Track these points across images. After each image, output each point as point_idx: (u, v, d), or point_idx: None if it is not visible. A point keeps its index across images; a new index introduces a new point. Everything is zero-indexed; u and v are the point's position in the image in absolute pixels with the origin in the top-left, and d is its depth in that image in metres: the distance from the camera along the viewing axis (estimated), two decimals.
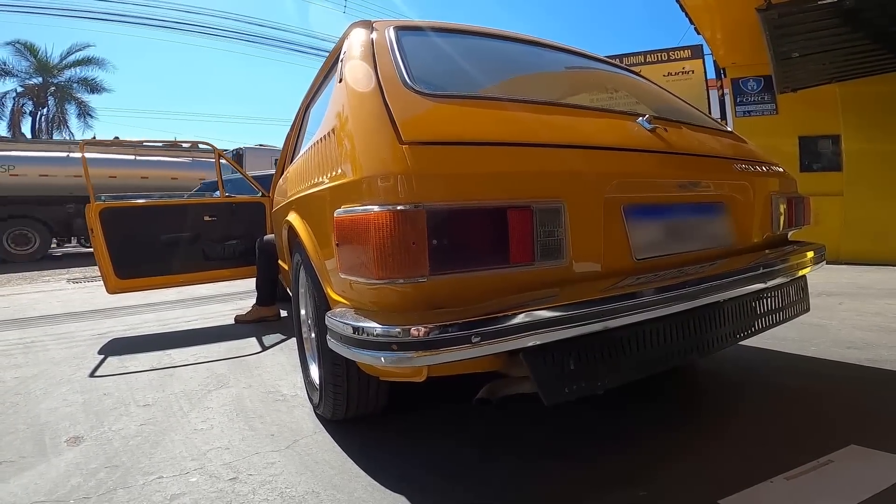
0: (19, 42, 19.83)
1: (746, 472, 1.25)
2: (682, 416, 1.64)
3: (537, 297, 1.11)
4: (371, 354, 1.04)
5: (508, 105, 1.39)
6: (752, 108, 6.26)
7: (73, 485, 1.34)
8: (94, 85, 21.40)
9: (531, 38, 2.06)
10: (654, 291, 1.20)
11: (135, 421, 1.77)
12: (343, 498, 1.24)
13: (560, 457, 1.40)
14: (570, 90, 2.14)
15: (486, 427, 1.61)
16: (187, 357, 2.59)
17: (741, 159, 1.73)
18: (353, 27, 1.64)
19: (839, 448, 1.34)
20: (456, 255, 1.06)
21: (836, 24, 4.12)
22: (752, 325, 1.52)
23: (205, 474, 1.38)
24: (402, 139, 1.10)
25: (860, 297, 3.49)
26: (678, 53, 8.18)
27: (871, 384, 1.86)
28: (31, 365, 2.56)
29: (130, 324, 3.58)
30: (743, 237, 1.67)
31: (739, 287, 1.39)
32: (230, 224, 3.57)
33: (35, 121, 21.35)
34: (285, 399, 1.93)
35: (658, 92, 2.20)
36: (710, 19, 5.98)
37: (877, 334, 2.47)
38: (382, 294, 1.11)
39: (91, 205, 3.12)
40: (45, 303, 4.77)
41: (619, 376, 1.21)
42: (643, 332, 1.23)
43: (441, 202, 1.05)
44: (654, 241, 1.43)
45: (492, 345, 0.99)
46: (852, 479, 1.20)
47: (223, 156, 3.75)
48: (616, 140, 1.41)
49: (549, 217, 1.15)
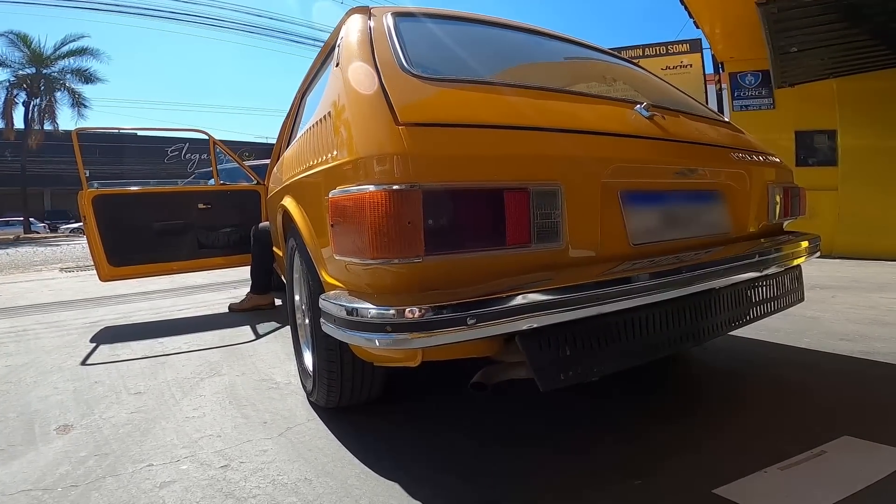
0: (12, 32, 19.70)
1: (741, 462, 1.24)
2: (677, 407, 1.63)
3: (533, 279, 1.10)
4: (365, 336, 1.02)
5: (506, 90, 1.37)
6: (750, 103, 6.27)
7: (61, 473, 1.33)
8: (89, 75, 21.28)
9: (530, 27, 2.04)
10: (649, 277, 1.19)
11: (126, 409, 1.75)
12: (335, 485, 1.23)
13: (555, 447, 1.39)
14: (569, 79, 2.12)
15: (481, 416, 1.60)
16: (180, 345, 2.57)
17: (738, 148, 1.73)
18: (350, 13, 1.62)
19: (833, 439, 1.34)
20: (452, 236, 1.05)
21: (836, 20, 4.12)
22: (747, 314, 1.52)
23: (196, 462, 1.36)
24: (399, 121, 1.09)
25: (854, 290, 3.51)
26: (677, 47, 8.18)
27: (864, 376, 1.86)
28: (23, 353, 2.53)
29: (123, 312, 3.56)
30: (739, 226, 1.66)
31: (735, 274, 1.38)
32: (225, 212, 3.55)
33: (28, 111, 21.17)
34: (279, 387, 1.92)
35: (656, 82, 2.19)
36: (710, 13, 5.98)
37: (870, 327, 2.48)
38: (377, 275, 1.09)
39: (84, 191, 3.08)
40: (37, 291, 4.73)
41: (615, 363, 1.21)
42: (639, 319, 1.22)
43: (437, 182, 1.03)
44: (651, 228, 1.42)
45: (487, 327, 0.98)
46: (846, 470, 1.20)
47: (218, 144, 3.72)
48: (614, 126, 1.40)
49: (545, 199, 1.14)
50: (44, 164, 24.77)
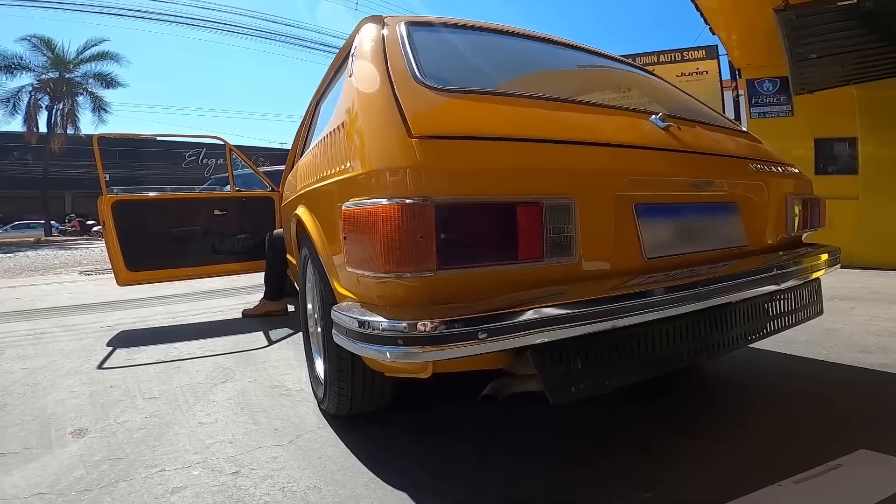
0: (35, 37, 20.11)
1: (754, 475, 1.23)
2: (690, 419, 1.61)
3: (545, 294, 1.09)
4: (376, 349, 1.02)
5: (519, 101, 1.37)
6: (767, 110, 6.19)
7: (75, 477, 1.34)
8: (110, 80, 21.65)
9: (544, 36, 2.04)
10: (664, 291, 1.18)
11: (140, 413, 1.77)
12: (345, 493, 1.23)
13: (562, 457, 1.38)
14: (583, 88, 2.11)
15: (488, 425, 1.59)
16: (194, 350, 2.60)
17: (756, 159, 1.70)
18: (364, 22, 1.63)
19: (849, 452, 1.32)
20: (464, 250, 1.05)
21: (854, 26, 4.07)
22: (764, 328, 1.49)
23: (207, 468, 1.37)
24: (412, 133, 1.09)
25: (873, 301, 3.44)
26: (692, 54, 8.12)
27: (882, 389, 1.83)
28: (41, 356, 2.58)
29: (139, 316, 3.61)
30: (756, 238, 1.63)
31: (752, 288, 1.36)
32: (240, 218, 3.58)
33: (51, 115, 21.63)
34: (290, 394, 1.93)
35: (671, 91, 2.17)
36: (726, 20, 5.94)
37: (889, 339, 2.43)
38: (389, 288, 1.10)
39: (103, 197, 3.13)
40: (57, 294, 4.82)
41: (627, 376, 1.19)
42: (652, 333, 1.21)
43: (450, 196, 1.03)
44: (666, 241, 1.40)
45: (498, 341, 0.98)
46: (861, 484, 1.19)
47: (234, 150, 3.76)
48: (628, 138, 1.39)
49: (558, 214, 1.13)
50: (65, 167, 25.26)
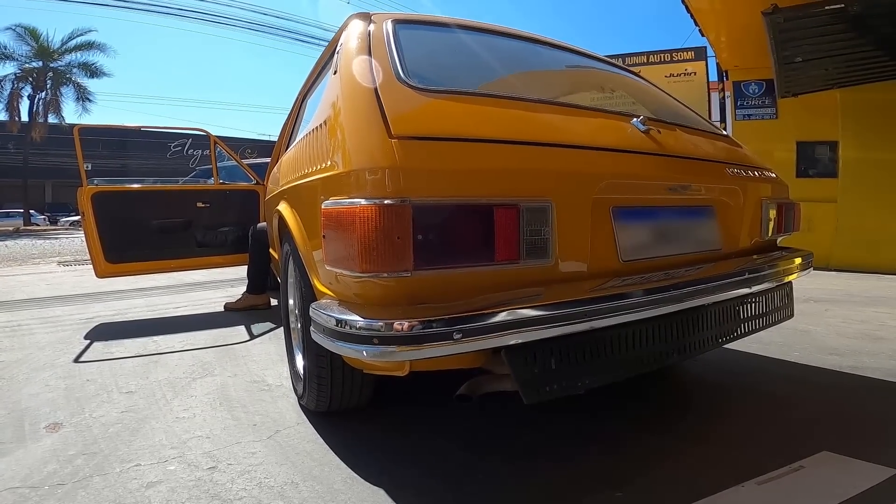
0: (21, 26, 19.72)
1: (720, 475, 1.26)
2: (663, 419, 1.64)
3: (522, 295, 1.10)
4: (353, 347, 1.03)
5: (501, 102, 1.38)
6: (753, 112, 6.27)
7: (48, 471, 1.33)
8: (95, 69, 21.31)
9: (531, 36, 2.04)
10: (639, 293, 1.20)
11: (116, 408, 1.76)
12: (322, 489, 1.24)
13: (539, 456, 1.40)
14: (568, 89, 2.13)
15: (467, 424, 1.61)
16: (174, 344, 2.58)
17: (733, 163, 1.73)
18: (351, 18, 1.62)
19: (812, 454, 1.36)
20: (441, 251, 1.06)
21: (842, 30, 4.12)
22: (736, 330, 1.52)
23: (183, 463, 1.37)
24: (392, 133, 1.09)
25: (847, 304, 3.52)
26: (681, 55, 8.19)
27: (849, 391, 1.88)
28: (16, 349, 2.54)
29: (118, 309, 3.57)
30: (731, 242, 1.67)
31: (725, 291, 1.39)
32: (223, 211, 3.56)
33: (33, 104, 21.19)
34: (270, 389, 1.93)
35: (656, 93, 2.19)
36: (716, 22, 5.98)
37: (860, 342, 2.49)
38: (367, 287, 1.10)
39: (83, 188, 3.09)
40: (34, 285, 4.74)
41: (601, 377, 1.21)
42: (626, 334, 1.23)
43: (428, 197, 1.04)
44: (642, 244, 1.43)
45: (473, 342, 0.99)
46: (822, 486, 1.21)
47: (218, 142, 3.72)
48: (608, 141, 1.40)
49: (536, 216, 1.14)
50: (46, 156, 24.73)
